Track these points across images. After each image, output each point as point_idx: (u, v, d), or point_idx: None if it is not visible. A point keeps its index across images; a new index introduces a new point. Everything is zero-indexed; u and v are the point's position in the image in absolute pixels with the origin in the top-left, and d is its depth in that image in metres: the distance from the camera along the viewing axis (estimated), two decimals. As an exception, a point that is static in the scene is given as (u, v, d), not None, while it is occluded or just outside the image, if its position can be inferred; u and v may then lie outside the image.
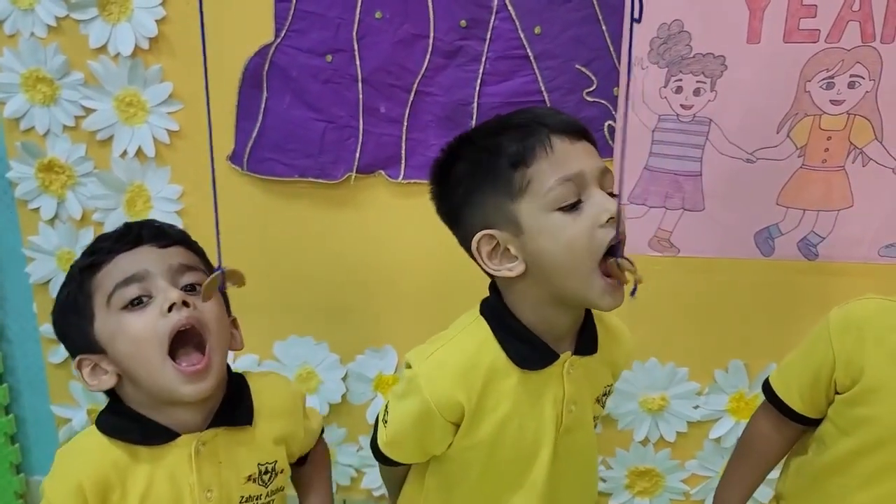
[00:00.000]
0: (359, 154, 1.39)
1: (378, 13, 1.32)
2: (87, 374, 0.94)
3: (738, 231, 1.35)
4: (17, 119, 1.45)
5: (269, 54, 1.36)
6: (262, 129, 1.40)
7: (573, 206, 0.85)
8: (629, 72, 1.10)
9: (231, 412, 0.97)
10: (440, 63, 1.33)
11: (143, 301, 0.90)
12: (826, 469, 1.03)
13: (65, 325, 0.96)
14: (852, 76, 1.24)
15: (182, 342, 0.91)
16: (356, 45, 1.34)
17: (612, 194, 0.87)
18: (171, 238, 0.97)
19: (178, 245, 0.97)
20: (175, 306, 0.89)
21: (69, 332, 0.95)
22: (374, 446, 0.99)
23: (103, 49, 1.39)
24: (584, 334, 0.95)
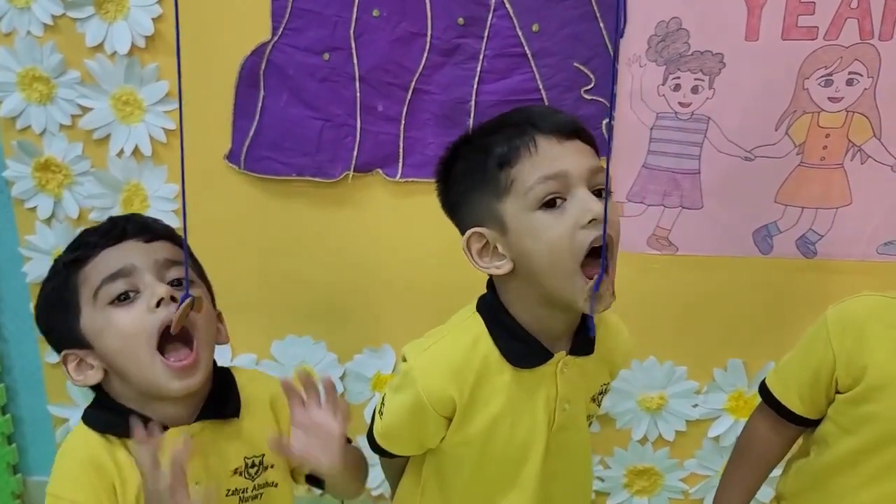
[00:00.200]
0: (356, 152, 1.39)
1: (375, 11, 1.31)
2: (73, 369, 0.94)
3: (737, 229, 1.35)
4: (14, 118, 1.44)
5: (266, 53, 1.35)
6: (260, 127, 1.39)
7: (554, 205, 0.85)
8: (613, 84, 1.10)
9: (218, 405, 0.97)
10: (438, 61, 1.33)
11: (130, 296, 0.90)
12: (829, 469, 1.02)
13: (49, 320, 0.96)
14: (851, 73, 1.24)
15: (169, 337, 0.91)
16: (353, 44, 1.33)
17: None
18: (156, 232, 0.97)
19: (164, 239, 0.96)
20: (163, 302, 0.89)
21: (54, 327, 0.95)
22: (371, 437, 1.00)
23: (100, 47, 1.38)
24: (581, 334, 0.94)
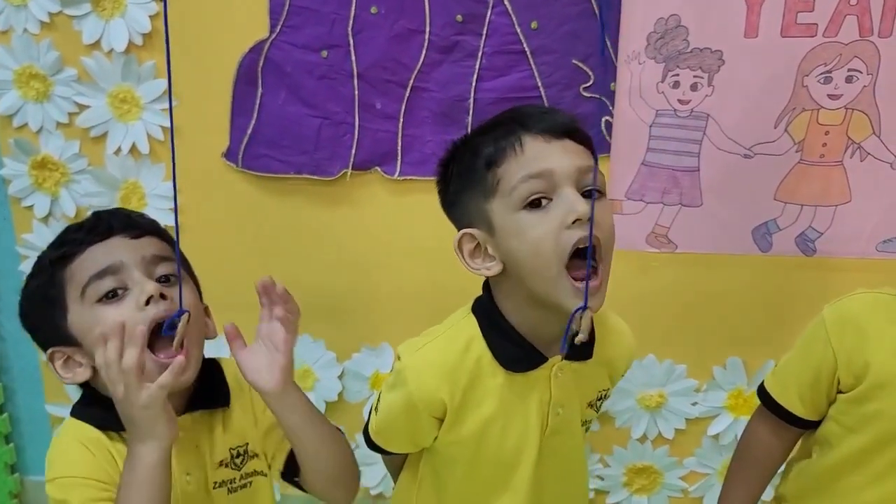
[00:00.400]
0: (354, 150, 1.38)
1: (373, 8, 1.31)
2: (60, 367, 0.93)
3: (736, 227, 1.34)
4: (10, 116, 1.44)
5: (264, 50, 1.35)
6: (258, 125, 1.39)
7: (540, 205, 0.84)
8: (609, 80, 1.09)
9: (206, 396, 0.97)
10: (436, 58, 1.32)
11: (119, 294, 0.90)
12: (833, 469, 1.02)
13: (35, 318, 0.95)
14: (850, 70, 1.23)
15: (159, 333, 0.90)
16: (352, 41, 1.33)
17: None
18: (143, 228, 0.96)
19: (151, 235, 0.96)
20: (153, 299, 0.89)
21: (40, 325, 0.95)
22: (367, 434, 1.00)
23: (97, 45, 1.38)
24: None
